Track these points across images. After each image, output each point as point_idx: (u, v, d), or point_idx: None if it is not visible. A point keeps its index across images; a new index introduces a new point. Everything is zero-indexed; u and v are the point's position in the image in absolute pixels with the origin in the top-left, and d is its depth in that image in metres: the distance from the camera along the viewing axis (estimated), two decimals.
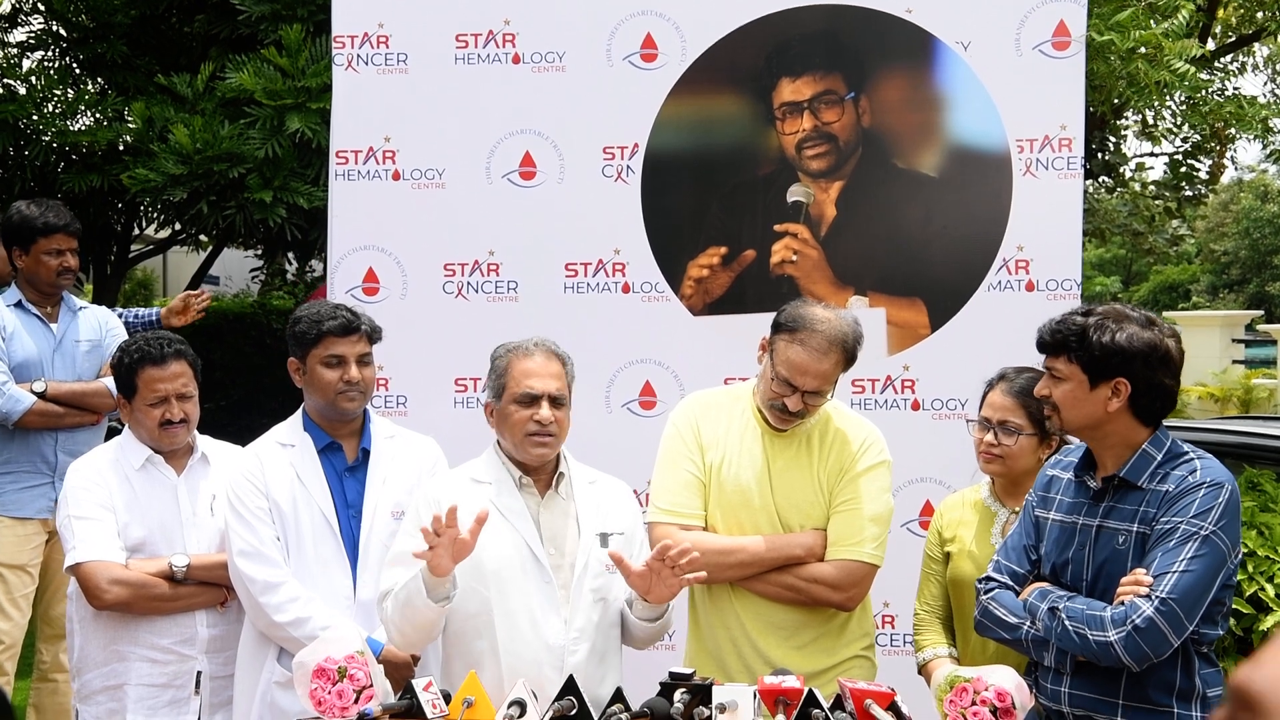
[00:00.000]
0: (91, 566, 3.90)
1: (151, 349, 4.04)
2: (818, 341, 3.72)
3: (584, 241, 5.17)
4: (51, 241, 5.34)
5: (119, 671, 3.99)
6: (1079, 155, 5.02)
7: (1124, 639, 3.17)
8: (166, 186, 7.67)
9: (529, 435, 3.58)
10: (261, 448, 3.96)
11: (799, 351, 3.72)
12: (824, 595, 3.82)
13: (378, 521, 3.89)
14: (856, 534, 3.81)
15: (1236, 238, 33.88)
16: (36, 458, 5.34)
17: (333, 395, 3.90)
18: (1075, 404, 3.34)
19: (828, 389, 3.79)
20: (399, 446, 4.03)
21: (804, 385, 3.73)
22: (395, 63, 5.27)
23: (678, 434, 3.96)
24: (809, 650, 3.85)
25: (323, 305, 4.02)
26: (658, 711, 3.14)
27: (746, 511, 3.87)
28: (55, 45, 9.25)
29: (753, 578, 3.84)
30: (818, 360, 3.71)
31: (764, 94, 5.16)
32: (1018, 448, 3.79)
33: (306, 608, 3.77)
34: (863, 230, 5.12)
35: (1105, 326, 3.30)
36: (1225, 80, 13.63)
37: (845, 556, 3.81)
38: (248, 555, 3.81)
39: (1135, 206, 14.28)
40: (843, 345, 3.75)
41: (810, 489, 3.86)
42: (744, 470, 3.88)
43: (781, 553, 3.82)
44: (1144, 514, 3.28)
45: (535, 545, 3.57)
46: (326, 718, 3.17)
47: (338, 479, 3.93)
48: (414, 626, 3.48)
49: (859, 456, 3.86)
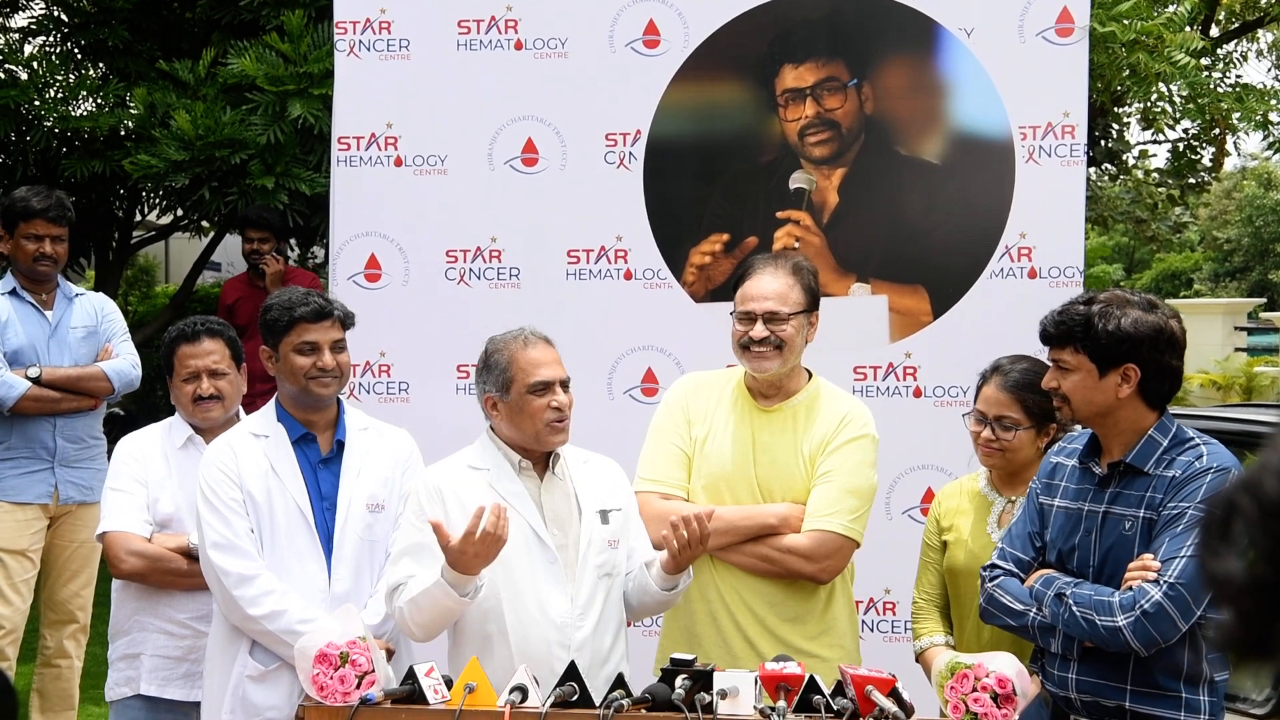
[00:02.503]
0: (113, 537, 4.05)
1: (186, 328, 4.20)
2: (762, 264, 3.89)
3: (586, 228, 5.17)
4: (31, 226, 5.33)
5: (138, 641, 4.10)
6: (1082, 142, 5.01)
7: (1133, 624, 3.18)
8: (168, 173, 7.67)
9: (550, 423, 3.60)
10: (234, 438, 3.91)
11: (749, 282, 3.88)
12: (797, 566, 3.83)
13: (352, 514, 3.85)
14: (833, 505, 3.83)
15: (1239, 225, 33.84)
16: (35, 444, 5.35)
17: (305, 381, 3.85)
18: (1085, 394, 3.33)
19: (784, 310, 3.82)
20: (373, 439, 3.98)
21: (759, 308, 3.80)
22: (397, 49, 5.25)
23: (667, 409, 4.04)
24: (786, 629, 3.86)
25: (294, 292, 3.98)
26: (659, 697, 3.15)
27: (727, 484, 3.91)
28: (57, 30, 9.24)
29: (729, 548, 3.86)
30: (768, 280, 3.84)
31: (766, 81, 5.15)
32: (1016, 442, 3.78)
33: (282, 601, 3.72)
34: (865, 217, 5.12)
35: (1110, 314, 3.29)
36: (1228, 69, 13.60)
37: (820, 527, 3.82)
38: (221, 548, 3.75)
39: (1138, 194, 14.27)
40: (792, 267, 3.87)
41: (793, 463, 3.88)
42: (727, 444, 3.92)
43: (755, 520, 3.86)
44: (1151, 499, 3.28)
45: (539, 527, 3.60)
46: (328, 702, 3.18)
47: (312, 471, 3.89)
48: (435, 621, 3.50)
49: (840, 429, 3.89)
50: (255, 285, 7.09)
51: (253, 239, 7.08)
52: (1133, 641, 3.19)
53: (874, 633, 4.96)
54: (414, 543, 3.57)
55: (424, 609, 3.46)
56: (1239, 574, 1.24)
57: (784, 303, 3.82)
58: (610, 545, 3.63)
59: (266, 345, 3.92)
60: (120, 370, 5.42)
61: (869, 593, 4.93)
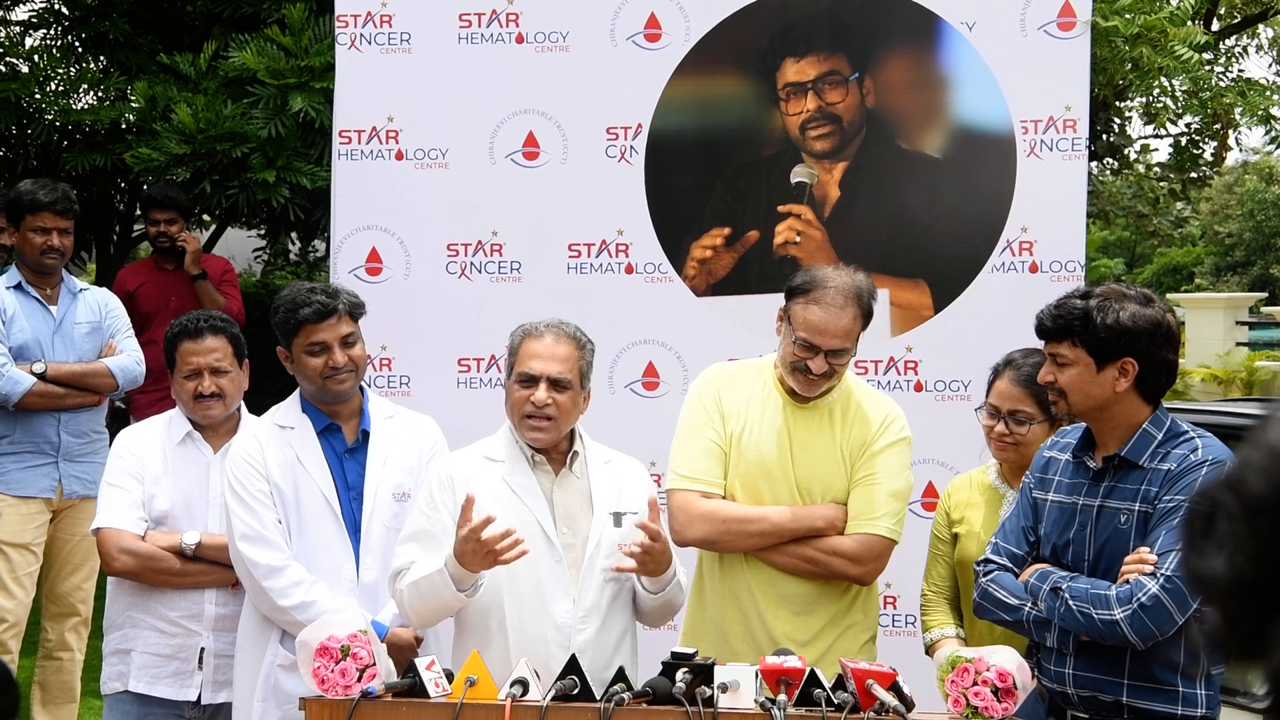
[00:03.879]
0: (107, 534, 4.04)
1: (189, 324, 4.15)
2: (833, 297, 3.72)
3: (587, 222, 5.17)
4: (38, 219, 5.34)
5: (130, 637, 4.09)
6: (1084, 137, 5.00)
7: (1130, 617, 3.18)
8: (170, 166, 7.66)
9: (525, 417, 3.59)
10: (260, 430, 3.94)
11: (816, 311, 3.72)
12: (842, 568, 3.82)
13: (379, 503, 3.88)
14: (876, 509, 3.81)
15: (1241, 220, 33.77)
16: (39, 438, 5.35)
17: (320, 381, 3.87)
18: (1083, 387, 3.33)
19: (849, 347, 3.77)
20: (398, 427, 4.00)
21: (825, 344, 3.72)
22: (398, 42, 5.25)
23: (699, 402, 3.93)
24: (816, 627, 3.84)
25: (298, 291, 3.97)
26: (660, 691, 3.16)
27: (767, 482, 3.86)
28: (58, 23, 9.22)
29: (770, 548, 3.83)
30: (836, 316, 3.71)
31: (768, 74, 5.15)
32: (1030, 435, 3.78)
33: (311, 591, 3.75)
34: (866, 211, 5.11)
35: (1108, 307, 3.30)
36: (1230, 63, 13.59)
37: (865, 530, 3.81)
38: (250, 539, 3.79)
39: (1139, 189, 14.26)
40: (858, 298, 3.75)
41: (832, 462, 3.85)
42: (765, 440, 3.86)
43: (804, 524, 3.82)
44: (1146, 493, 3.29)
45: (547, 524, 3.58)
46: (329, 696, 3.19)
47: (338, 461, 3.92)
48: (433, 610, 3.52)
49: (881, 432, 3.86)
50: (162, 269, 6.94)
51: (159, 220, 6.89)
52: (1130, 635, 3.19)
53: None
54: (421, 529, 3.57)
55: (423, 595, 3.46)
56: (1224, 575, 1.21)
57: (848, 338, 3.75)
58: (621, 549, 3.54)
59: (281, 346, 3.95)
60: (124, 367, 5.43)
61: None
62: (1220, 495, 1.24)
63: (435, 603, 3.47)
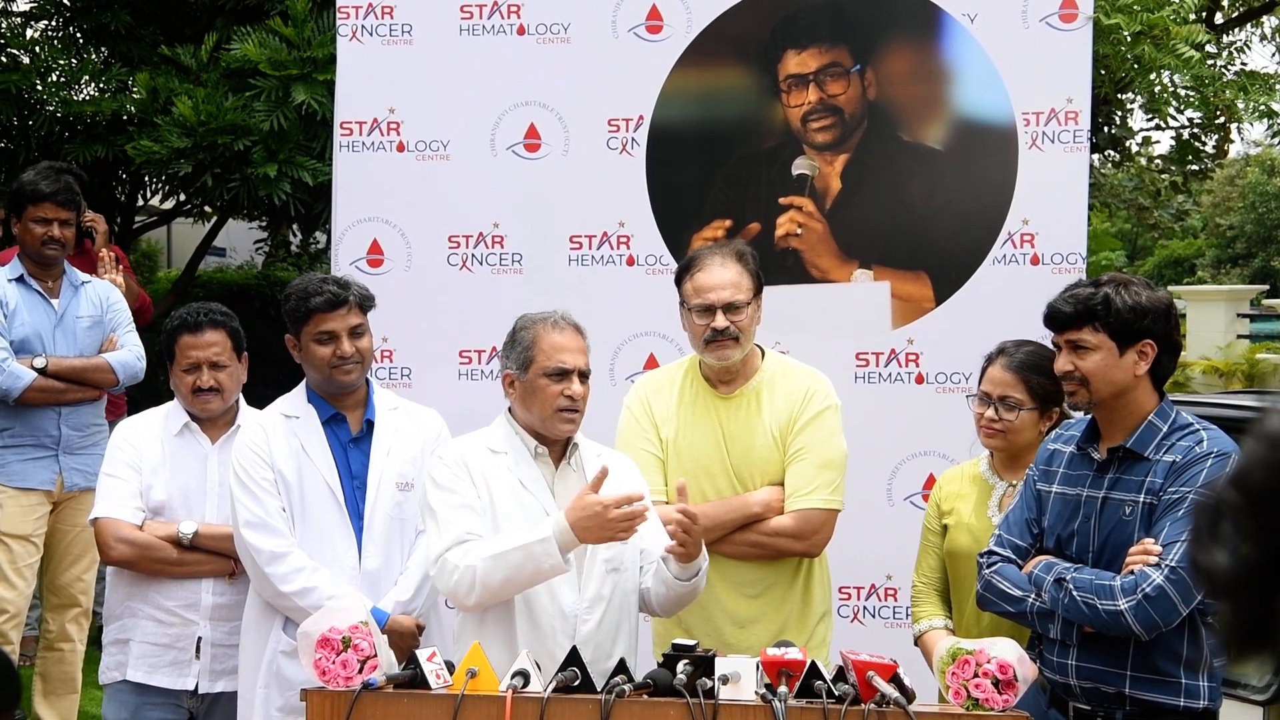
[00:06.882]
0: (104, 523, 4.08)
1: (189, 317, 4.16)
2: (710, 258, 3.95)
3: (588, 214, 5.17)
4: (40, 209, 5.30)
5: (128, 626, 4.12)
6: (1085, 129, 5.00)
7: (1135, 607, 3.18)
8: (171, 159, 7.65)
9: (560, 411, 3.58)
10: (266, 419, 3.98)
11: (699, 275, 3.92)
12: (787, 546, 3.95)
13: (382, 492, 3.91)
14: (810, 482, 3.94)
15: (1242, 212, 33.73)
16: (40, 431, 5.35)
17: (328, 370, 3.91)
18: (1106, 373, 3.33)
19: (741, 299, 3.89)
20: (403, 418, 4.04)
21: (717, 299, 3.87)
22: (400, 34, 5.25)
23: (631, 416, 4.08)
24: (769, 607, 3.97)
25: (310, 280, 4.01)
26: (660, 683, 3.16)
27: (707, 477, 3.98)
28: (59, 15, 9.20)
29: (718, 540, 3.91)
30: (719, 271, 3.90)
31: (769, 66, 5.14)
32: (1019, 422, 3.79)
33: (313, 578, 3.79)
34: (867, 203, 5.11)
35: (1124, 290, 3.32)
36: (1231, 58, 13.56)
37: (802, 506, 3.94)
38: (254, 526, 3.83)
39: (1141, 181, 14.24)
40: (738, 256, 3.95)
41: (764, 445, 3.97)
42: (699, 438, 3.99)
43: (739, 513, 3.96)
44: (1150, 484, 3.29)
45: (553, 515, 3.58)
46: (330, 687, 3.19)
47: (342, 450, 3.95)
48: (520, 580, 3.42)
49: (805, 405, 3.97)
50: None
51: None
52: (1134, 625, 3.19)
53: (875, 619, 4.97)
54: (464, 503, 3.52)
55: (510, 565, 3.38)
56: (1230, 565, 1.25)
57: (739, 291, 3.91)
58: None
59: (290, 334, 3.98)
60: (125, 362, 5.43)
61: (870, 579, 4.95)
62: (1225, 492, 1.28)
63: (524, 572, 3.39)
